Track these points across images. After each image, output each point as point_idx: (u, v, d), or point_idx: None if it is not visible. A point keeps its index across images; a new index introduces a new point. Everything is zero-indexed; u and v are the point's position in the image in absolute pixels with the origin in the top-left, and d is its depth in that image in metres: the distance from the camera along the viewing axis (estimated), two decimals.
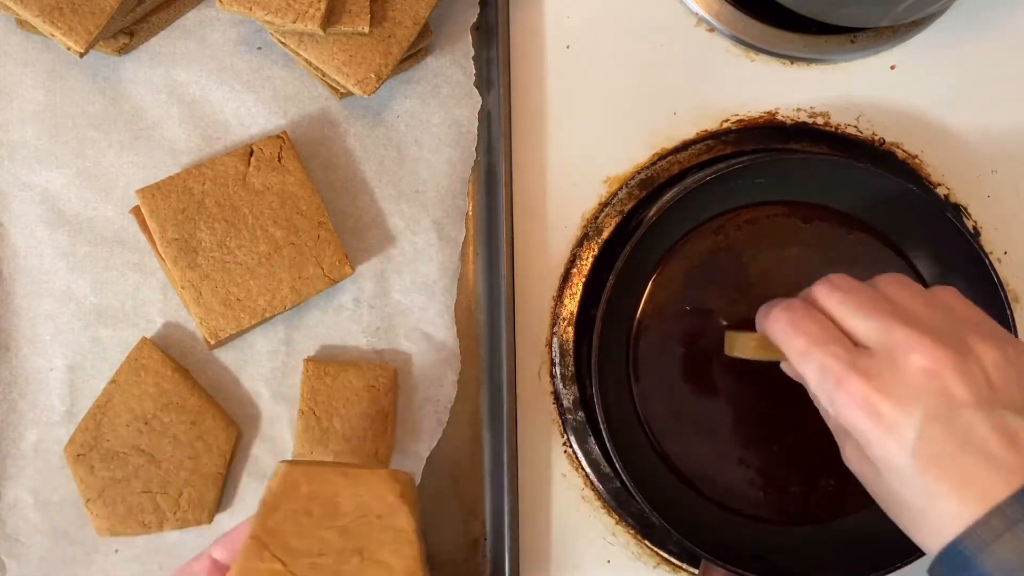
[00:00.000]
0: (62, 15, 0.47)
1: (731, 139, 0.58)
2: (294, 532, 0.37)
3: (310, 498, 0.38)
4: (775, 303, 0.43)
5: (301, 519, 0.38)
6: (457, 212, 0.55)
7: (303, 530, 0.37)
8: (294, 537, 0.37)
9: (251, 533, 0.37)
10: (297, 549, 0.37)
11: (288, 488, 0.38)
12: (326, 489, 0.38)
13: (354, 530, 0.38)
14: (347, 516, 0.38)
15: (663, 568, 0.56)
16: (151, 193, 0.49)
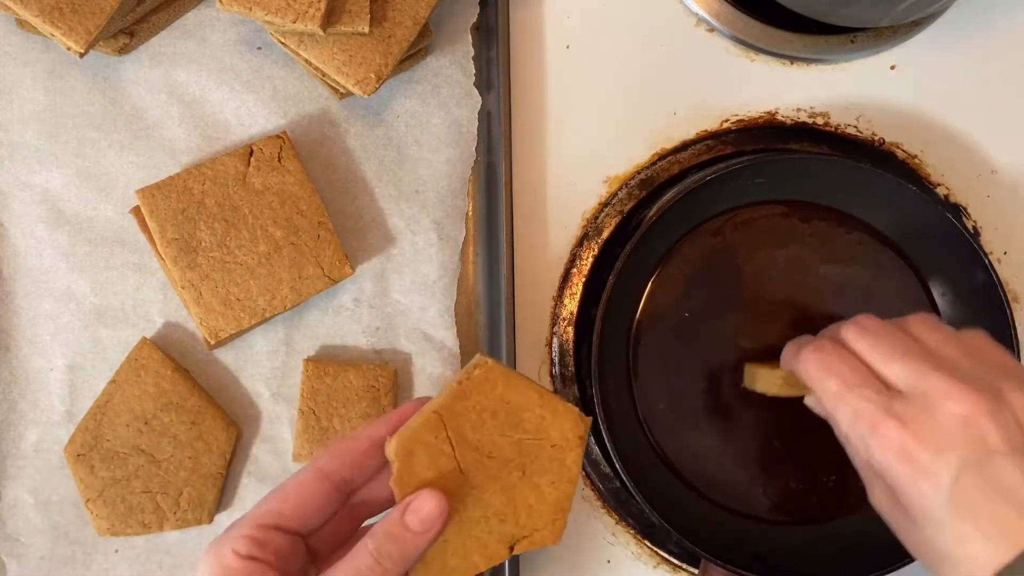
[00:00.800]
0: (62, 15, 0.47)
1: (731, 139, 0.58)
2: (473, 425, 0.38)
3: (500, 400, 0.38)
4: (804, 342, 0.43)
5: (485, 416, 0.38)
6: (457, 212, 0.55)
7: (482, 427, 0.38)
8: (472, 429, 0.38)
9: (435, 408, 0.38)
10: (470, 441, 0.38)
11: (485, 383, 0.39)
12: (518, 399, 0.39)
13: (527, 448, 0.38)
14: (525, 432, 0.38)
15: (663, 568, 0.56)
16: (151, 193, 0.49)
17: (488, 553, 0.38)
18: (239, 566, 0.35)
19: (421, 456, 0.37)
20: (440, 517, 0.36)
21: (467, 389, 0.38)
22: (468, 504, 0.38)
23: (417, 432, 0.38)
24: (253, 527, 0.36)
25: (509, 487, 0.38)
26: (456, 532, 0.37)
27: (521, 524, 0.38)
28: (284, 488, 0.38)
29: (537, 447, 0.39)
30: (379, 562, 0.35)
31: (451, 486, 0.37)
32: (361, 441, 0.38)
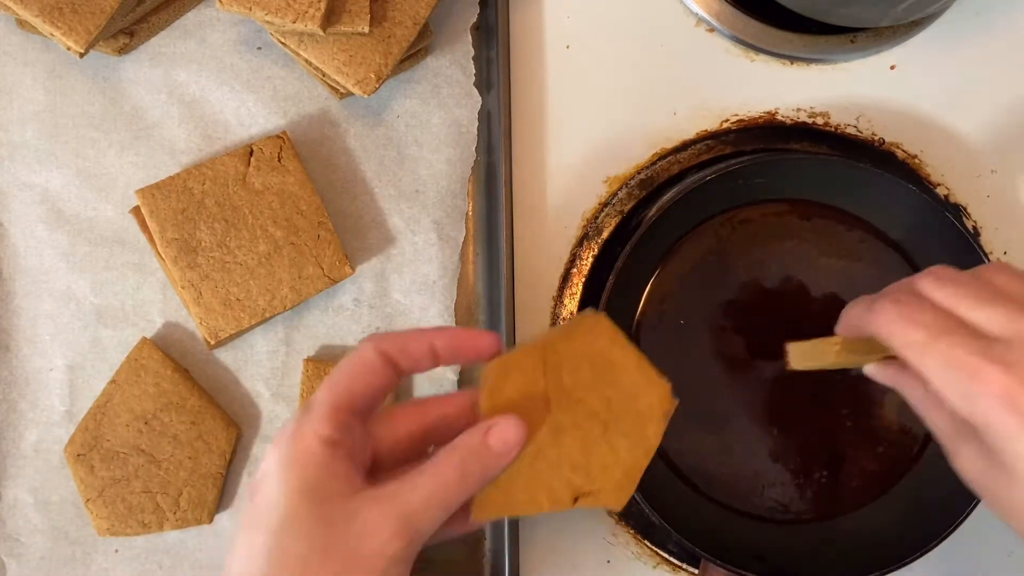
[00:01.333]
0: (62, 15, 0.47)
1: (731, 139, 0.58)
2: (570, 369, 0.38)
3: (601, 354, 0.38)
4: (871, 299, 0.39)
5: (583, 364, 0.38)
6: (457, 212, 0.55)
7: (578, 373, 0.38)
8: (568, 373, 0.38)
9: (539, 342, 0.38)
10: (563, 383, 0.37)
11: (590, 333, 0.38)
12: (617, 359, 0.38)
13: (614, 406, 0.38)
14: (617, 391, 0.38)
15: (663, 568, 0.56)
16: (151, 193, 0.49)
17: (554, 497, 0.37)
18: (320, 451, 0.34)
19: (515, 381, 0.37)
20: (519, 445, 0.36)
21: (573, 333, 0.38)
22: (547, 443, 0.37)
23: (517, 357, 0.37)
24: (333, 408, 0.35)
25: (588, 439, 0.37)
26: (529, 467, 0.37)
27: (591, 479, 0.37)
28: (348, 368, 0.36)
29: (624, 409, 0.38)
30: (462, 475, 0.35)
31: (535, 420, 0.37)
32: (422, 339, 0.37)
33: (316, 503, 0.34)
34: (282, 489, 0.34)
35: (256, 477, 0.36)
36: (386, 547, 0.34)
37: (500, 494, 0.36)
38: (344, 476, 0.34)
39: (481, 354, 0.38)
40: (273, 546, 0.34)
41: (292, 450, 0.35)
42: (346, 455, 0.35)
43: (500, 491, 0.36)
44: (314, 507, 0.34)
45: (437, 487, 0.34)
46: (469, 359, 0.39)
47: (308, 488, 0.34)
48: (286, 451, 0.35)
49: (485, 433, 0.36)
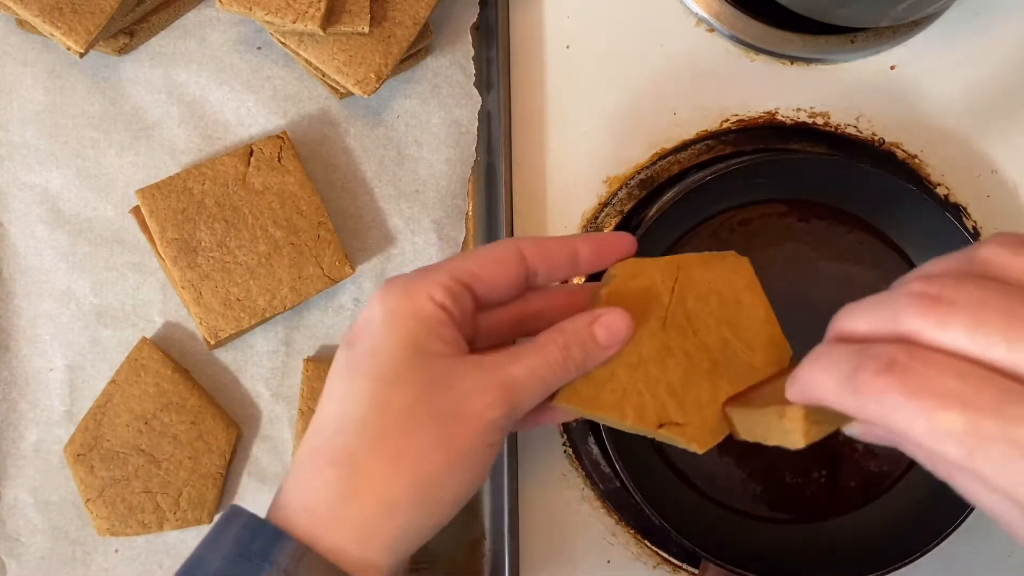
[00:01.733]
0: (62, 15, 0.47)
1: (731, 139, 0.58)
2: (699, 296, 0.37)
3: (734, 295, 0.37)
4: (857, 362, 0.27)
5: (712, 297, 0.37)
6: (457, 212, 0.55)
7: (705, 304, 0.37)
8: (695, 299, 0.37)
9: (679, 259, 0.37)
10: (687, 307, 0.36)
11: (731, 271, 0.38)
12: (749, 305, 0.37)
13: (730, 350, 0.37)
14: (737, 336, 0.37)
15: (663, 568, 0.56)
16: (151, 193, 0.49)
17: (640, 413, 0.35)
18: (434, 312, 0.34)
19: (640, 285, 0.36)
20: (623, 341, 0.35)
21: (712, 263, 0.37)
22: (651, 359, 0.36)
23: (650, 265, 0.36)
24: (451, 278, 0.35)
25: (693, 371, 0.36)
26: (626, 373, 0.36)
27: (683, 411, 0.36)
28: (480, 253, 0.36)
29: (738, 356, 0.37)
30: (565, 357, 0.35)
31: (648, 330, 0.36)
32: (565, 243, 0.37)
33: (422, 357, 0.34)
34: (389, 339, 0.34)
35: (355, 325, 0.35)
36: (487, 411, 0.33)
37: (590, 388, 0.35)
38: (451, 341, 0.34)
39: (620, 256, 0.38)
40: (377, 393, 0.33)
41: (402, 304, 0.34)
42: (454, 324, 0.35)
43: (591, 385, 0.35)
44: (420, 360, 0.34)
45: (540, 363, 0.34)
46: (608, 261, 0.38)
47: (415, 343, 0.34)
48: (395, 304, 0.34)
49: (592, 321, 0.35)
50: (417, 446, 0.33)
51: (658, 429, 0.36)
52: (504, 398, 0.34)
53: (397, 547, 0.33)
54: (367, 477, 0.33)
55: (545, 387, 0.35)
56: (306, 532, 0.33)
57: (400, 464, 0.33)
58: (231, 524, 0.34)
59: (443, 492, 0.34)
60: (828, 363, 0.28)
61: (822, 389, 0.28)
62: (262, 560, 0.32)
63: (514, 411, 0.34)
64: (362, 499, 0.33)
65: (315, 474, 0.34)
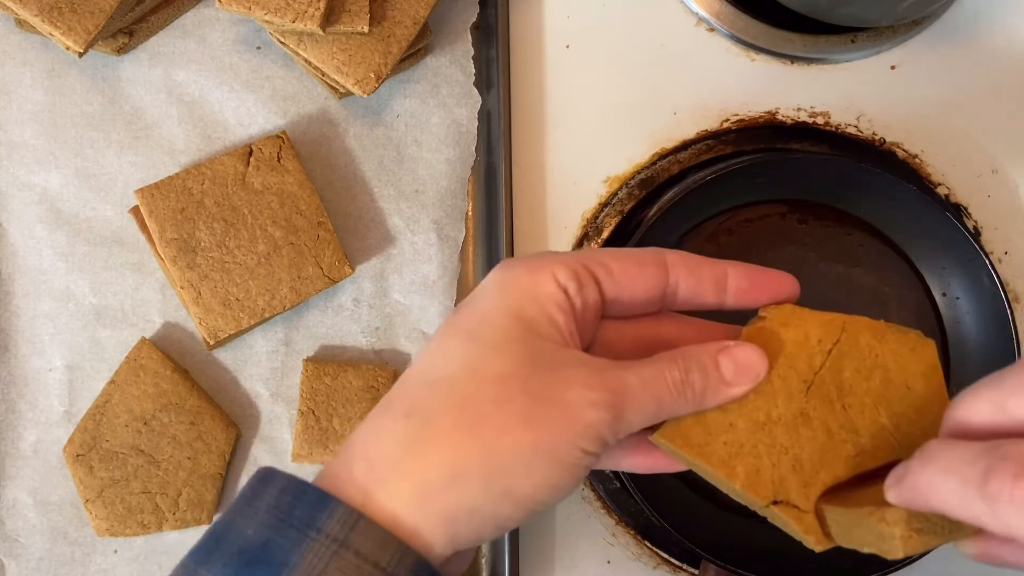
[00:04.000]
0: (61, 15, 0.47)
1: (731, 139, 0.58)
2: (860, 369, 0.32)
3: (905, 379, 0.32)
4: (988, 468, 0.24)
5: (877, 374, 0.32)
6: (457, 212, 0.54)
7: (865, 381, 0.32)
8: (854, 372, 0.32)
9: (849, 318, 0.32)
10: (841, 378, 0.31)
11: (909, 351, 0.32)
12: (921, 393, 0.32)
13: (880, 440, 0.31)
14: (894, 426, 0.31)
15: (663, 568, 0.56)
16: (150, 193, 0.49)
17: (753, 479, 0.30)
18: (552, 292, 0.31)
19: (791, 337, 0.31)
20: (753, 381, 0.31)
21: (887, 335, 0.32)
22: (782, 422, 0.31)
23: (808, 317, 0.32)
24: (580, 264, 0.32)
25: (831, 451, 0.31)
26: (748, 428, 0.31)
27: (805, 493, 0.31)
28: (619, 251, 0.33)
29: (892, 449, 0.31)
30: (683, 382, 0.31)
31: (790, 388, 0.31)
32: (716, 265, 0.33)
33: (528, 333, 0.30)
34: (497, 305, 0.31)
35: (473, 292, 0.33)
36: (588, 410, 0.29)
37: (701, 432, 0.31)
38: (563, 328, 0.31)
39: (777, 296, 0.33)
40: (472, 354, 0.30)
41: (521, 277, 0.31)
42: (572, 313, 0.31)
43: (703, 429, 0.31)
44: (525, 336, 0.30)
45: (655, 379, 0.30)
46: (762, 299, 0.33)
47: (525, 317, 0.31)
48: (514, 275, 0.31)
49: (719, 350, 0.31)
50: (502, 418, 0.29)
51: (770, 506, 0.31)
52: (610, 400, 0.30)
53: (455, 528, 0.29)
54: (439, 435, 0.29)
55: (658, 408, 0.31)
56: (360, 485, 0.29)
57: (478, 430, 0.29)
58: (267, 487, 0.30)
59: (519, 480, 0.29)
60: (950, 463, 0.25)
61: (942, 494, 0.25)
62: (307, 527, 0.28)
63: (618, 422, 0.30)
64: (428, 458, 0.29)
65: (384, 423, 0.31)
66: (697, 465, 0.31)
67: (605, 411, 0.29)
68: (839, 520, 0.31)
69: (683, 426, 0.31)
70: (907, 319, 0.55)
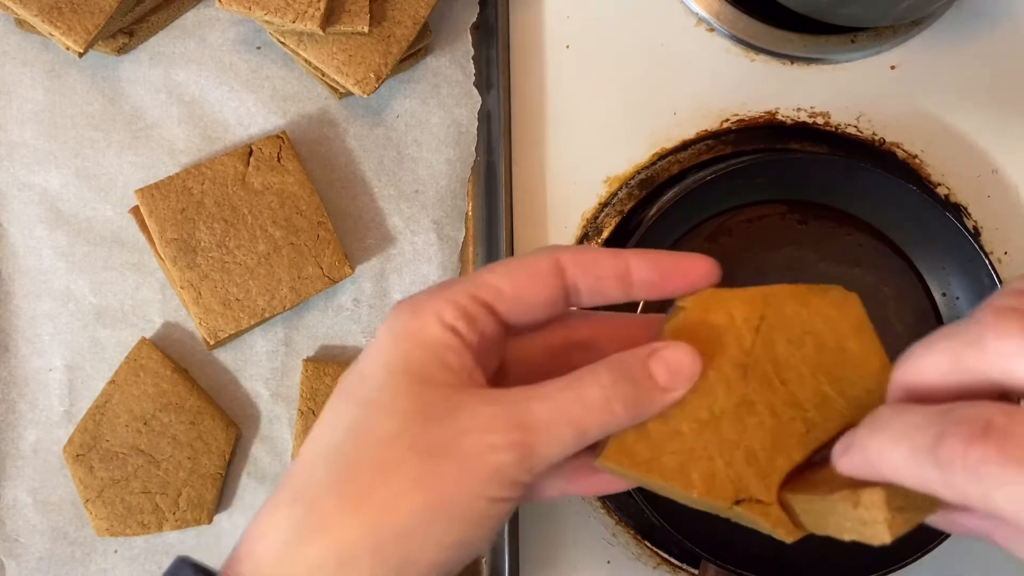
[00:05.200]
0: (61, 15, 0.47)
1: (731, 139, 0.58)
2: (791, 340, 0.30)
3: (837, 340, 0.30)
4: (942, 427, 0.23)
5: (808, 341, 0.30)
6: (457, 212, 0.54)
7: (799, 349, 0.30)
8: (786, 343, 0.29)
9: (768, 290, 0.30)
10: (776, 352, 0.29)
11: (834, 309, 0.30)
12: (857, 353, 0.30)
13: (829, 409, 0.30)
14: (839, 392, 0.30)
15: (663, 568, 0.56)
16: (150, 193, 0.49)
17: (711, 483, 0.28)
18: (439, 335, 0.29)
19: (717, 321, 0.29)
20: (688, 382, 0.28)
21: (809, 299, 0.30)
22: (728, 416, 0.29)
23: (729, 297, 0.30)
24: (467, 296, 0.29)
25: (781, 434, 0.29)
26: (694, 432, 0.29)
27: (766, 484, 0.29)
28: (508, 264, 0.30)
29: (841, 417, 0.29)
30: (609, 400, 0.28)
31: (724, 379, 0.29)
32: (616, 258, 0.30)
33: (418, 385, 0.28)
34: (383, 361, 0.29)
35: (366, 347, 0.31)
36: (489, 454, 0.27)
37: (646, 447, 0.28)
38: (456, 369, 0.29)
39: (692, 284, 0.30)
40: (357, 420, 0.28)
41: (406, 325, 0.29)
42: (467, 349, 0.29)
43: (647, 443, 0.28)
44: (415, 389, 0.28)
45: (572, 402, 0.28)
46: (674, 290, 0.31)
47: (412, 368, 0.28)
48: (399, 325, 0.29)
49: (649, 354, 0.28)
50: (389, 486, 0.27)
51: (734, 506, 0.29)
52: (516, 439, 0.27)
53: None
54: (323, 519, 0.28)
55: (578, 434, 0.28)
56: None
57: (364, 506, 0.27)
58: None
59: (417, 547, 0.27)
60: (900, 429, 0.23)
61: (893, 462, 0.23)
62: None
63: (530, 460, 0.27)
64: (313, 546, 0.28)
65: (270, 512, 0.29)
66: (649, 482, 0.29)
67: (510, 452, 0.27)
68: (809, 508, 0.28)
69: (626, 444, 0.29)
70: (907, 319, 0.55)
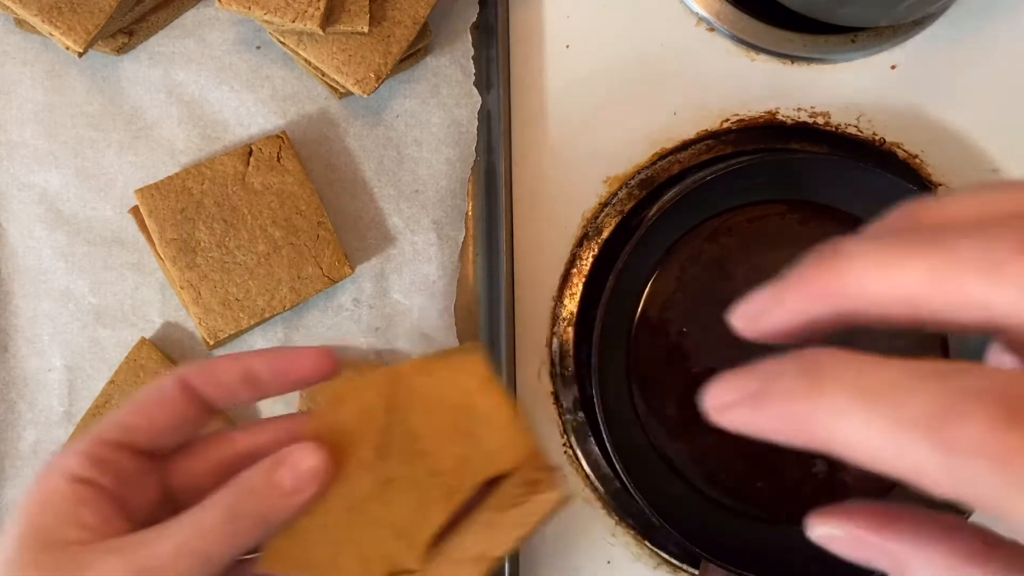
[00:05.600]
0: (61, 14, 0.47)
1: (731, 139, 0.58)
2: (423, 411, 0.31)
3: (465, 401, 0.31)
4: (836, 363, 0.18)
5: (439, 409, 0.31)
6: (457, 212, 0.54)
7: (431, 421, 0.31)
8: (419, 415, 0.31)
9: (395, 370, 0.31)
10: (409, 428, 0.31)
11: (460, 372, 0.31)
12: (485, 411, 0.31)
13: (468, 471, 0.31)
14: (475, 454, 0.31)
15: (663, 568, 0.56)
16: (150, 193, 0.49)
17: (364, 567, 0.30)
18: (68, 492, 0.29)
19: (350, 410, 0.31)
20: (316, 479, 0.29)
21: (435, 368, 0.31)
22: (371, 496, 0.30)
23: (359, 384, 0.31)
24: (95, 442, 0.30)
25: (424, 502, 0.30)
26: (341, 519, 0.30)
27: (413, 552, 0.30)
28: (135, 397, 0.31)
29: (481, 470, 0.31)
30: (231, 520, 0.28)
31: (365, 461, 0.30)
32: (235, 364, 0.32)
33: (39, 551, 0.28)
34: (16, 532, 0.29)
35: None
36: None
37: (294, 546, 0.30)
38: (90, 523, 0.29)
39: (308, 375, 0.32)
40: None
41: (39, 488, 0.29)
42: (104, 497, 0.29)
43: (294, 542, 0.30)
44: (35, 556, 0.28)
45: (192, 535, 0.28)
46: (298, 382, 0.33)
47: (35, 533, 0.29)
48: (33, 490, 0.30)
49: (272, 465, 0.29)
50: None
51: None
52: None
53: None
54: None
55: (204, 563, 0.28)
56: None
57: None
58: None
59: None
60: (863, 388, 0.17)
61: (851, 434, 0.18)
62: None
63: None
64: None
65: None
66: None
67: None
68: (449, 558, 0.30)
69: (279, 547, 0.29)
70: None
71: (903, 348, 0.55)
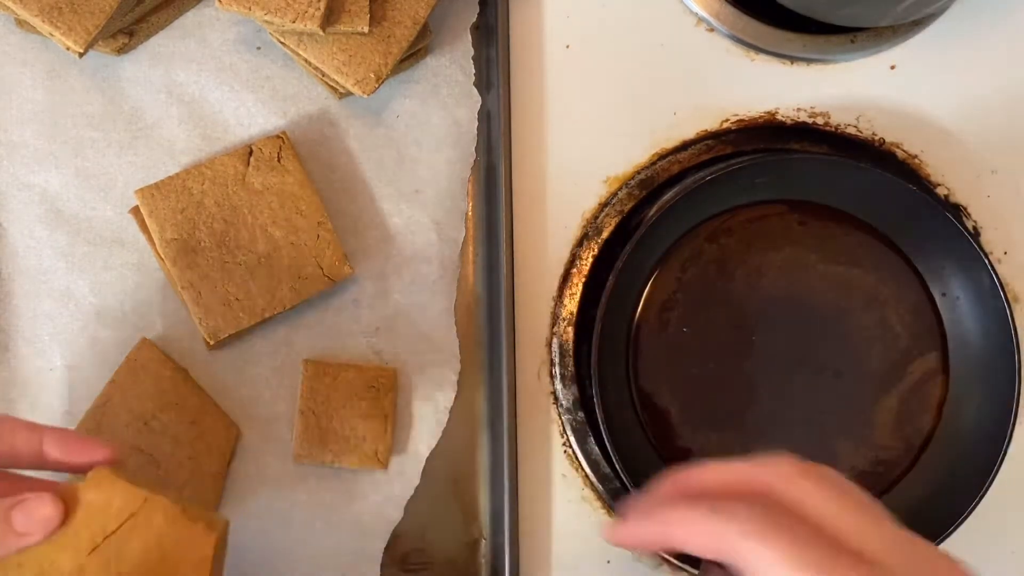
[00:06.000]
0: (61, 15, 0.47)
1: (731, 139, 0.58)
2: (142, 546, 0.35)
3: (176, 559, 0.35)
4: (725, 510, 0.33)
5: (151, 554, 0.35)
6: (457, 212, 0.54)
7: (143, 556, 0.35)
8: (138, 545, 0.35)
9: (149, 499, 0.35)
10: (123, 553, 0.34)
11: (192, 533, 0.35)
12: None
13: None
14: None
15: (663, 568, 0.56)
16: (150, 193, 0.49)
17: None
18: None
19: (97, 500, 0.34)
20: (44, 528, 0.32)
21: (178, 519, 0.35)
22: (64, 573, 0.33)
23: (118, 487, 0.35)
24: None
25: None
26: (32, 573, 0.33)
27: None
28: None
29: None
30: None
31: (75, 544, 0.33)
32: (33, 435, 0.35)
33: None
34: None
35: None
36: None
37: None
38: None
39: (91, 462, 0.35)
40: None
41: None
42: None
43: None
44: None
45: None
46: (78, 467, 0.35)
47: None
48: None
49: (15, 504, 0.32)
50: None
51: None
52: None
53: None
54: None
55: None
56: None
57: None
58: None
59: None
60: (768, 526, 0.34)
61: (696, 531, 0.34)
62: None
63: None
64: None
65: None
66: None
67: None
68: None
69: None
70: (907, 319, 0.55)
71: (903, 347, 0.55)
